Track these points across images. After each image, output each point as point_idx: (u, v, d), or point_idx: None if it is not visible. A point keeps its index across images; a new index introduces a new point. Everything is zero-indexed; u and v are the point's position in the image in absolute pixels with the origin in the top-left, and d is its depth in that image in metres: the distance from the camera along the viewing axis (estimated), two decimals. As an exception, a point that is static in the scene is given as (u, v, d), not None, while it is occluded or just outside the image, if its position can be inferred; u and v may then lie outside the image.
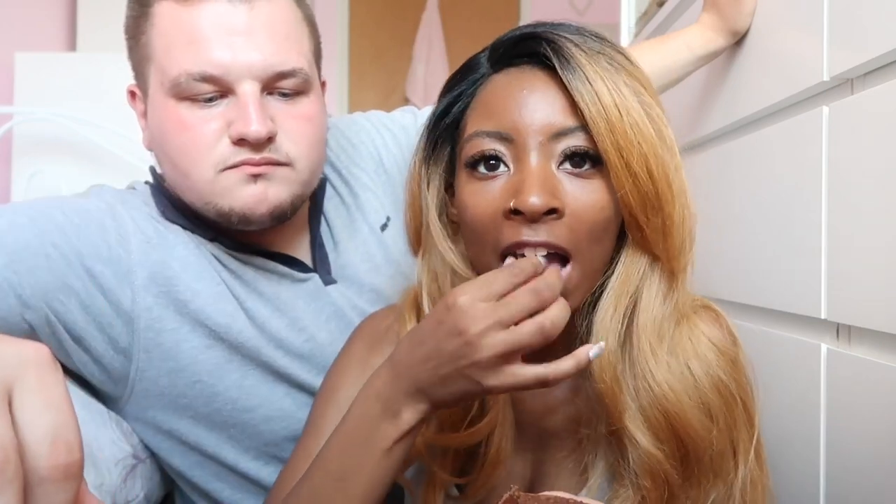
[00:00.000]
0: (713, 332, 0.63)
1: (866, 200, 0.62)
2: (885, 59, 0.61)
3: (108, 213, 0.74)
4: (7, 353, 0.31)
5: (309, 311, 0.79)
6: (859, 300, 0.63)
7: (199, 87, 0.69)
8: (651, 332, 0.59)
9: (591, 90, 0.55)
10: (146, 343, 0.72)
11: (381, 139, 0.92)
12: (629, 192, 0.56)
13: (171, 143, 0.72)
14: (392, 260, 0.86)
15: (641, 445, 0.59)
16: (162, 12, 0.71)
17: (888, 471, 0.59)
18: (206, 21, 0.69)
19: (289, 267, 0.80)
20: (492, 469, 0.63)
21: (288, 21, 0.73)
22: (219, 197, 0.72)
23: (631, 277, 0.60)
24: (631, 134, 0.55)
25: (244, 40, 0.69)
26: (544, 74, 0.58)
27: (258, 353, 0.75)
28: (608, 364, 0.59)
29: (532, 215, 0.55)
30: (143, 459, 0.77)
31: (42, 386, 0.30)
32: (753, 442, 0.62)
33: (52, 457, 0.29)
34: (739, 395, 0.62)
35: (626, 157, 0.55)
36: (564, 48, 0.56)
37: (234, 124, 0.70)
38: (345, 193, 0.88)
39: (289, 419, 0.77)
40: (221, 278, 0.76)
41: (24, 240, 0.67)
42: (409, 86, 3.68)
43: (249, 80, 0.70)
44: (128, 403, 0.75)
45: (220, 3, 0.69)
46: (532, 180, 0.55)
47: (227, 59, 0.69)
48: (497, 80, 0.60)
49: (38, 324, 0.66)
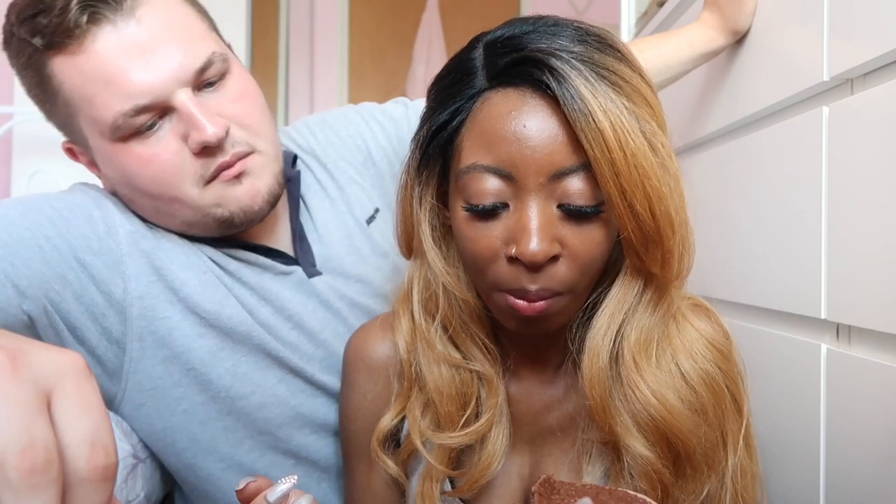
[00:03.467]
0: (703, 327, 0.65)
1: (866, 201, 0.62)
2: (885, 59, 0.61)
3: (95, 206, 0.74)
4: (45, 360, 0.32)
5: (295, 301, 0.80)
6: (859, 300, 0.63)
7: (137, 120, 0.68)
8: (640, 344, 0.61)
9: (595, 129, 0.52)
10: (139, 332, 0.72)
11: (371, 132, 0.92)
12: (631, 232, 0.55)
13: (140, 180, 0.71)
14: (380, 251, 0.87)
15: (634, 450, 0.60)
16: (61, 69, 0.68)
17: (888, 471, 0.59)
18: (105, 56, 0.67)
19: (272, 259, 0.80)
20: (486, 466, 0.64)
21: (174, 14, 0.72)
22: (214, 207, 0.73)
23: (627, 297, 0.61)
24: (635, 175, 0.53)
25: (151, 54, 0.68)
26: (545, 102, 0.54)
27: (250, 338, 0.75)
28: (598, 380, 0.60)
29: (533, 265, 0.55)
30: (143, 459, 0.77)
31: (79, 391, 0.32)
32: (742, 431, 0.63)
33: (91, 458, 0.31)
34: (727, 385, 0.63)
35: (630, 200, 0.53)
36: (568, 78, 0.53)
37: (189, 136, 0.70)
38: (330, 187, 0.88)
39: (282, 405, 0.77)
40: (208, 267, 0.76)
41: (17, 233, 0.67)
42: (409, 86, 3.68)
43: (179, 89, 0.69)
44: (123, 401, 0.75)
45: (106, 32, 0.67)
46: (532, 227, 0.54)
47: (148, 80, 0.68)
48: (495, 100, 0.56)
49: (36, 314, 0.67)
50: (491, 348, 0.66)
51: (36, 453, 0.29)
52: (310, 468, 0.80)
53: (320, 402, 0.79)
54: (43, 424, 0.30)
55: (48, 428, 0.30)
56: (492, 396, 0.65)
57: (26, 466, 0.28)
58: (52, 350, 0.33)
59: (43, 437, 0.29)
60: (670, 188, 0.56)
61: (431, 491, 0.65)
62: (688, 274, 0.61)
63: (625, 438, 0.60)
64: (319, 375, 0.79)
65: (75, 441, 0.31)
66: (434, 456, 0.65)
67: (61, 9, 0.66)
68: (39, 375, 0.31)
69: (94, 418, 0.31)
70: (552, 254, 0.54)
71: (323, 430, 0.80)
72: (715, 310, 0.67)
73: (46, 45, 0.68)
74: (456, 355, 0.65)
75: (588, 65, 0.54)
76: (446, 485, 0.67)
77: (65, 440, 0.30)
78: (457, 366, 0.65)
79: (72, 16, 0.66)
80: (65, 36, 0.67)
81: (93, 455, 0.31)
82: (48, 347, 0.33)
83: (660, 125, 0.56)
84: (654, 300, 0.61)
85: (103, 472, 0.31)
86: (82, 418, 0.31)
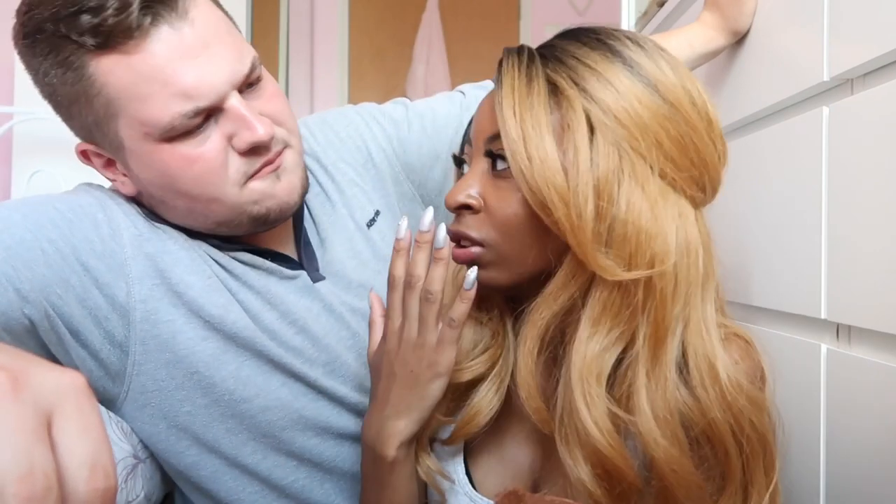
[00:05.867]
0: (729, 371, 0.59)
1: (866, 200, 0.62)
2: (885, 59, 0.61)
3: (99, 208, 0.74)
4: (47, 380, 0.32)
5: (300, 305, 0.80)
6: (859, 300, 0.63)
7: (194, 122, 0.69)
8: (587, 364, 0.59)
9: (502, 116, 0.60)
10: (142, 335, 0.72)
11: (371, 132, 0.92)
12: (526, 194, 0.59)
13: (183, 180, 0.71)
14: (380, 255, 0.87)
15: (573, 472, 0.59)
16: (110, 69, 0.67)
17: (888, 471, 0.59)
18: (164, 57, 0.67)
19: (277, 263, 0.80)
20: (471, 418, 0.68)
21: (219, 18, 0.72)
22: (251, 205, 0.74)
23: (567, 285, 0.60)
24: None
25: (206, 57, 0.68)
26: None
27: (253, 343, 0.75)
28: (531, 393, 0.62)
29: (450, 210, 0.65)
30: (143, 459, 0.77)
31: (80, 412, 0.32)
32: (769, 489, 0.60)
33: (91, 481, 0.31)
34: (736, 431, 0.59)
35: (516, 159, 0.59)
36: (506, 76, 0.61)
37: (236, 137, 0.71)
38: (330, 189, 0.88)
39: (286, 409, 0.77)
40: (213, 271, 0.76)
41: (19, 235, 0.67)
42: (409, 86, 3.68)
43: (231, 92, 0.70)
44: (125, 403, 0.75)
45: (164, 33, 0.67)
46: (460, 181, 0.65)
47: (208, 82, 0.68)
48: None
49: (37, 318, 0.67)
50: (503, 324, 0.70)
51: (35, 480, 0.28)
52: (313, 470, 0.80)
53: (323, 405, 0.79)
54: (43, 449, 0.30)
55: (48, 453, 0.30)
56: (496, 345, 0.70)
57: (25, 493, 0.28)
58: (53, 370, 0.32)
59: (42, 462, 0.29)
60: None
61: (422, 438, 0.69)
62: (631, 267, 0.57)
63: (564, 457, 0.60)
64: (322, 380, 0.79)
65: (75, 463, 0.30)
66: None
67: (118, 9, 0.65)
68: (40, 396, 0.31)
69: (94, 440, 0.31)
70: (460, 202, 0.63)
71: (327, 433, 0.80)
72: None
73: (100, 45, 0.66)
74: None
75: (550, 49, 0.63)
76: (445, 434, 0.71)
77: (64, 462, 0.30)
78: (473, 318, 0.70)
79: (134, 18, 0.65)
80: (124, 36, 0.65)
81: (92, 477, 0.31)
82: (49, 367, 0.33)
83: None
84: (604, 302, 0.59)
85: (102, 495, 0.31)
86: (83, 440, 0.31)
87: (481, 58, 3.64)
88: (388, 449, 0.66)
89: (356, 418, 0.81)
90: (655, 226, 0.58)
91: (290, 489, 0.79)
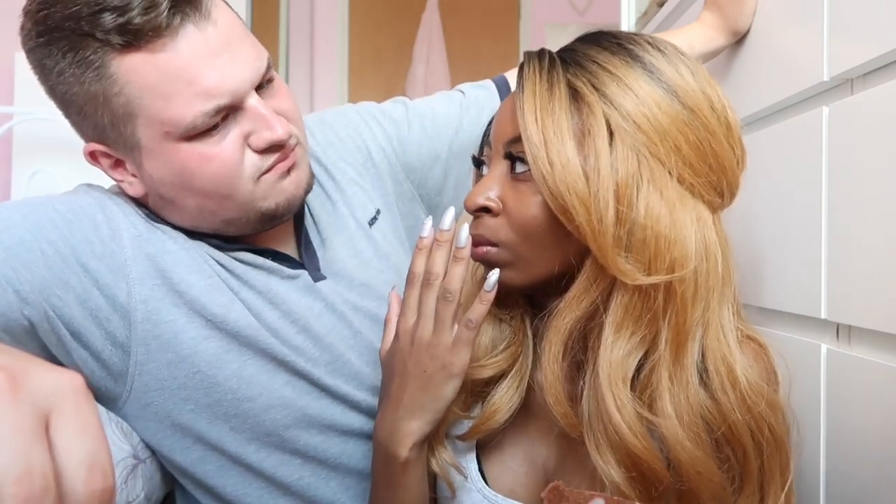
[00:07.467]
0: (747, 374, 0.60)
1: (866, 200, 0.62)
2: (885, 59, 0.61)
3: (99, 209, 0.74)
4: (45, 380, 0.32)
5: (301, 305, 0.80)
6: (859, 300, 0.63)
7: (213, 120, 0.69)
8: (615, 364, 0.59)
9: (524, 121, 0.61)
10: (144, 335, 0.72)
11: (370, 132, 0.92)
12: (547, 199, 0.60)
13: (199, 178, 0.71)
14: (381, 254, 0.87)
15: (605, 470, 0.59)
16: (133, 68, 0.67)
17: (888, 471, 0.59)
18: (189, 56, 0.67)
19: (278, 263, 0.80)
20: (490, 415, 0.68)
21: (235, 19, 0.73)
22: (261, 200, 0.74)
23: (584, 295, 0.61)
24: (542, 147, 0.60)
25: (228, 57, 0.69)
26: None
27: (256, 342, 0.75)
28: (555, 391, 0.62)
29: (470, 212, 0.66)
30: (143, 459, 0.77)
31: (78, 413, 0.32)
32: (784, 489, 0.61)
33: (89, 481, 0.31)
34: (754, 434, 0.59)
35: (538, 164, 0.60)
36: (528, 80, 0.62)
37: (253, 135, 0.71)
38: (331, 189, 0.88)
39: (290, 407, 0.77)
40: (214, 271, 0.76)
41: (19, 236, 0.67)
42: (409, 86, 3.68)
43: (250, 91, 0.71)
44: (127, 402, 0.75)
45: (189, 32, 0.67)
46: (479, 183, 0.65)
47: (230, 81, 0.69)
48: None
49: (37, 319, 0.66)
50: (523, 323, 0.71)
51: (33, 480, 0.28)
52: (317, 467, 0.80)
53: (327, 403, 0.79)
54: (41, 450, 0.29)
55: (46, 453, 0.30)
56: (516, 342, 0.70)
57: (23, 494, 0.28)
58: (52, 370, 0.32)
59: (40, 463, 0.29)
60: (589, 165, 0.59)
61: (439, 432, 0.70)
62: (651, 271, 0.58)
63: (596, 461, 0.60)
64: (326, 378, 0.79)
65: (73, 463, 0.30)
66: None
67: (146, 8, 0.65)
68: (38, 396, 0.31)
69: (92, 440, 0.31)
70: (479, 205, 0.64)
71: (331, 431, 0.80)
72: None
73: (127, 43, 0.66)
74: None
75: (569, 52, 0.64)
76: (462, 429, 0.71)
77: (62, 462, 0.30)
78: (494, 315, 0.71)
79: (163, 17, 0.65)
80: (153, 35, 0.66)
81: (90, 478, 0.31)
82: (48, 367, 0.33)
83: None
84: (626, 307, 0.59)
85: (100, 496, 0.31)
86: (81, 440, 0.31)
87: (481, 57, 3.64)
88: (401, 449, 0.66)
89: (361, 416, 0.81)
90: (674, 230, 0.58)
91: (294, 487, 0.79)
